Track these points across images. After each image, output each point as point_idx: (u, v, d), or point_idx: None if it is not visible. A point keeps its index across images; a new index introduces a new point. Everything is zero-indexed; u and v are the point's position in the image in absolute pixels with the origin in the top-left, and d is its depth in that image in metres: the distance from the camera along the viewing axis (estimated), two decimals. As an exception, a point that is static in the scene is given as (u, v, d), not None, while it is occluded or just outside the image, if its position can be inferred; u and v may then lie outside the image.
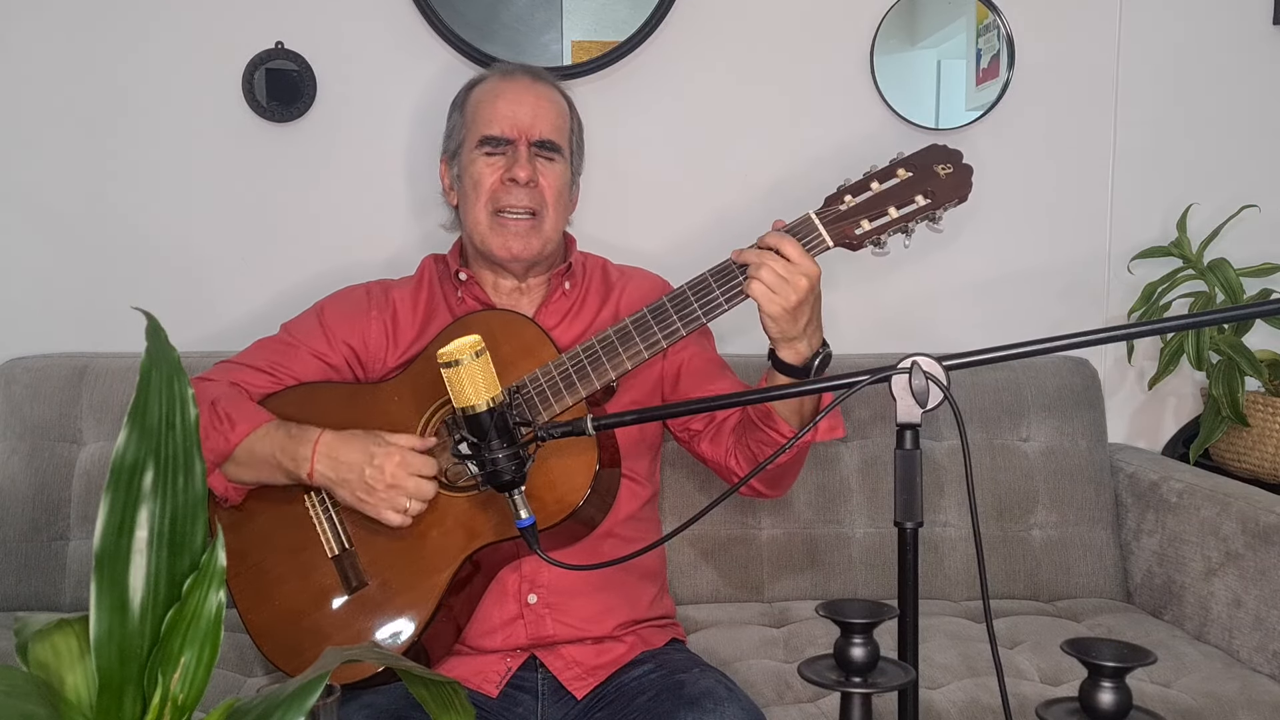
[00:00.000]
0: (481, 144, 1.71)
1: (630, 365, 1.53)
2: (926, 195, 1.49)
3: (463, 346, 1.30)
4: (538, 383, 1.54)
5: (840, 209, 1.51)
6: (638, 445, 1.71)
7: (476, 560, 1.56)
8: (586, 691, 1.59)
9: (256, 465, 1.58)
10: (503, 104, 1.72)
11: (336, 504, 1.60)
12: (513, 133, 1.70)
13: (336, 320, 1.74)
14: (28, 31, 2.17)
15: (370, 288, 1.80)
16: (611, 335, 1.54)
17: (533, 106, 1.72)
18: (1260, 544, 1.88)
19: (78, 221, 2.21)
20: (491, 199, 1.69)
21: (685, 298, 1.53)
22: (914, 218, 1.50)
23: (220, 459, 1.57)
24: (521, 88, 1.74)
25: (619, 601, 1.66)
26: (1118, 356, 2.42)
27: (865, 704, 1.01)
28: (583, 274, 1.79)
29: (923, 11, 2.32)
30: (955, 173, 1.50)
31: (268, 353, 1.71)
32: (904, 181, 1.50)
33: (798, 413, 1.56)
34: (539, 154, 1.71)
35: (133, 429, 0.81)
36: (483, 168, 1.71)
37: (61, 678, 0.81)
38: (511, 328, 1.60)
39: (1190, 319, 1.84)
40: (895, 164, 1.52)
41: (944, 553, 2.13)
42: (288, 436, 1.56)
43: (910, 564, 1.18)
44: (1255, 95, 2.40)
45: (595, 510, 1.58)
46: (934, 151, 1.51)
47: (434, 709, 0.86)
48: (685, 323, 1.52)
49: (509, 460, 1.33)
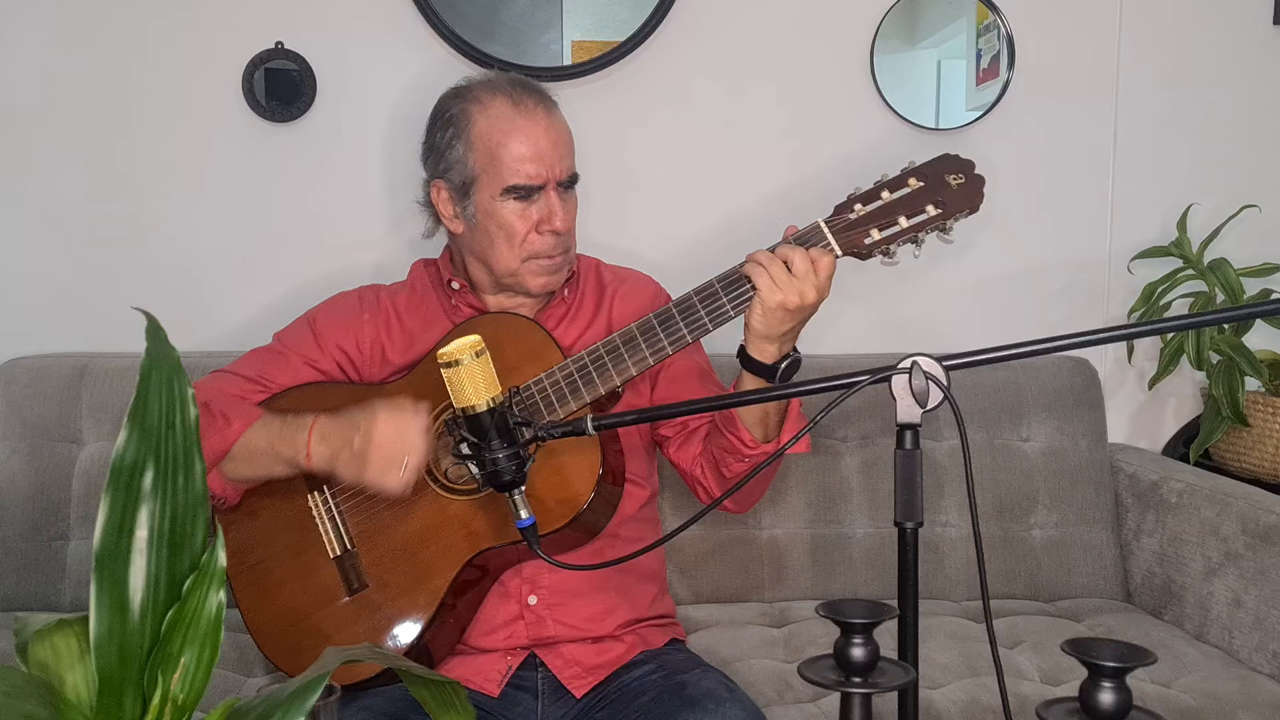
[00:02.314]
0: (508, 192, 1.62)
1: (635, 371, 1.52)
2: (937, 205, 1.47)
3: (463, 347, 1.30)
4: (543, 387, 1.54)
5: (850, 218, 1.49)
6: (634, 445, 1.71)
7: (479, 564, 1.56)
8: (585, 690, 1.59)
9: (255, 459, 1.57)
10: (525, 147, 1.62)
11: (340, 504, 1.60)
12: (541, 179, 1.62)
13: (328, 326, 1.73)
14: (27, 32, 2.17)
15: (361, 292, 1.78)
16: (617, 341, 1.53)
17: (553, 143, 1.63)
18: (1260, 544, 1.88)
19: (78, 221, 2.21)
20: (526, 247, 1.64)
21: (691, 304, 1.52)
22: (924, 228, 1.48)
23: (218, 457, 1.56)
24: (538, 124, 1.63)
25: (619, 602, 1.66)
26: (1118, 356, 2.42)
27: (865, 704, 1.01)
28: (579, 277, 1.79)
29: (923, 11, 2.32)
30: (967, 183, 1.48)
31: (259, 363, 1.71)
32: (915, 191, 1.48)
33: (762, 421, 1.55)
34: (564, 191, 1.66)
35: (133, 429, 0.81)
36: (514, 218, 1.63)
37: (61, 678, 0.81)
38: (517, 331, 1.60)
39: (1190, 319, 1.85)
40: (906, 173, 1.50)
41: (944, 553, 2.13)
42: (284, 424, 1.56)
43: (910, 564, 1.18)
44: (1255, 95, 2.40)
45: (598, 516, 1.57)
46: (946, 161, 1.50)
47: (434, 709, 0.86)
48: (691, 330, 1.51)
49: (509, 460, 1.33)
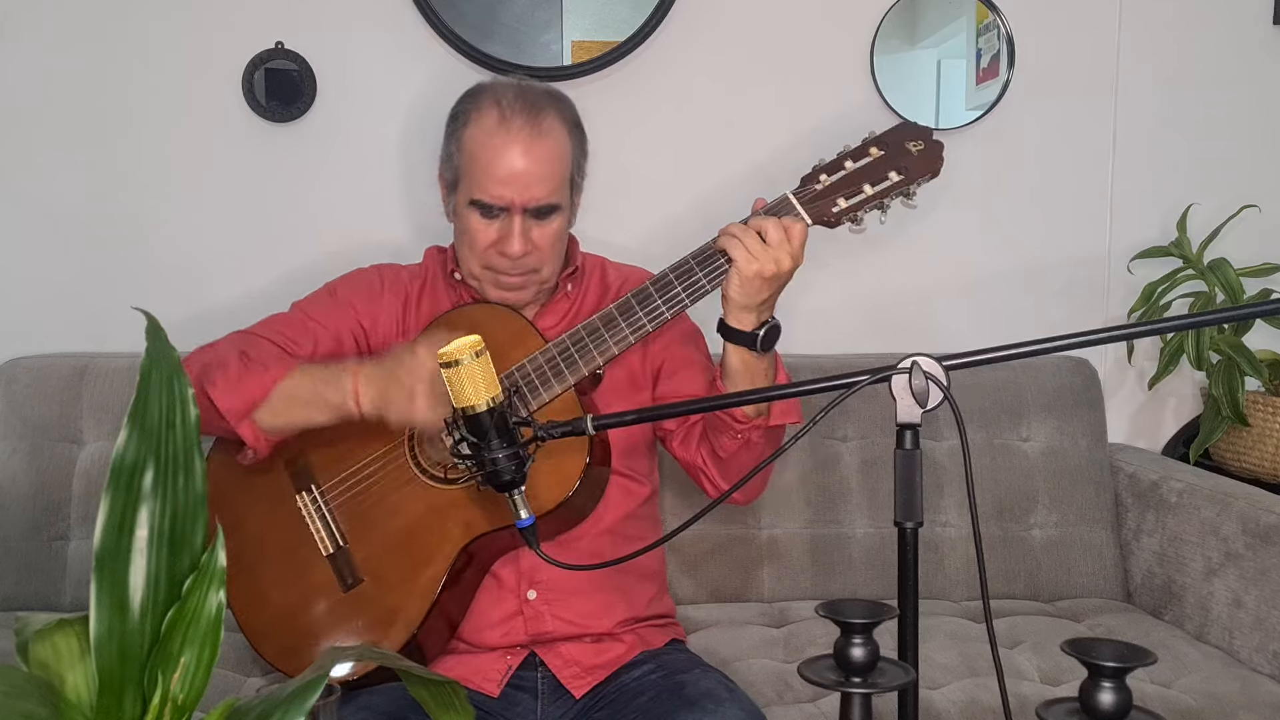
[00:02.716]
0: (473, 204, 1.62)
1: (616, 350, 1.54)
2: (899, 171, 1.53)
3: (463, 346, 1.30)
4: (525, 372, 1.55)
5: (816, 188, 1.54)
6: (635, 444, 1.71)
7: (471, 551, 1.56)
8: (585, 690, 1.59)
9: (295, 405, 1.55)
10: (498, 165, 1.59)
11: (329, 502, 1.61)
12: (503, 200, 1.60)
13: (349, 298, 1.74)
14: (28, 32, 2.17)
15: (381, 270, 1.79)
16: (596, 321, 1.55)
17: (526, 170, 1.59)
18: (1260, 544, 1.88)
19: (78, 221, 2.21)
20: (484, 257, 1.64)
21: (668, 280, 1.55)
22: (888, 194, 1.53)
23: (255, 403, 1.54)
24: (516, 147, 1.59)
25: (618, 599, 1.66)
26: (1118, 356, 2.42)
27: (865, 704, 1.01)
28: (584, 276, 1.79)
29: (923, 11, 2.32)
30: (926, 149, 1.54)
31: (280, 326, 1.70)
32: (877, 159, 1.53)
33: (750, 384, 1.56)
34: (534, 218, 1.62)
35: (133, 429, 0.81)
36: (475, 225, 1.63)
37: (61, 678, 0.81)
38: (497, 320, 1.61)
39: (1190, 319, 1.85)
40: (867, 143, 1.55)
41: (944, 553, 2.13)
42: (325, 369, 1.57)
43: (910, 564, 1.18)
44: (1255, 95, 2.40)
45: (586, 500, 1.58)
46: (904, 129, 1.55)
47: (434, 709, 0.86)
48: (669, 305, 1.54)
49: (509, 460, 1.33)
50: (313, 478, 1.62)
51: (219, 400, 1.53)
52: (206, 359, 1.60)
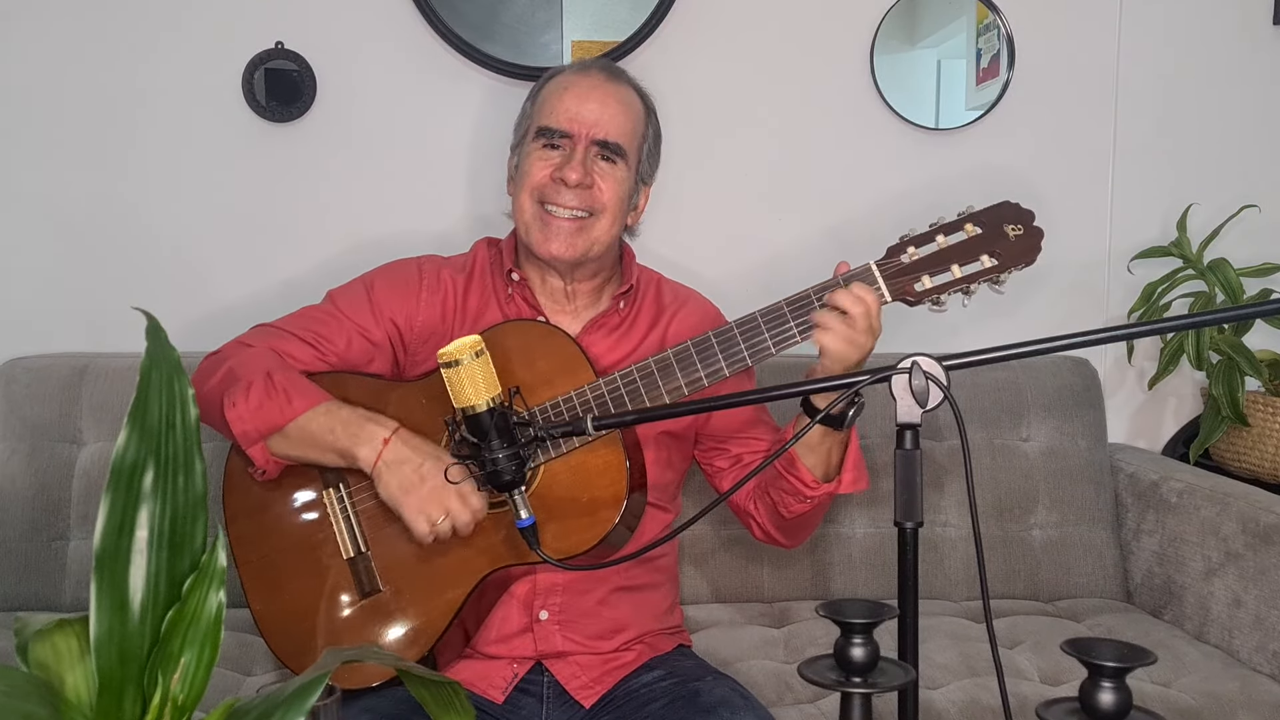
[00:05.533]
0: (539, 135, 1.62)
1: (669, 399, 1.48)
2: (993, 256, 1.44)
3: (462, 347, 1.30)
4: (572, 405, 1.49)
5: (902, 261, 1.46)
6: (666, 473, 1.68)
7: (494, 579, 1.54)
8: (594, 700, 1.57)
9: (306, 443, 1.51)
10: (569, 98, 1.61)
11: (356, 505, 1.55)
12: (572, 127, 1.60)
13: (385, 296, 1.67)
14: (28, 32, 2.17)
15: (422, 264, 1.72)
16: (652, 366, 1.50)
17: (600, 104, 1.61)
18: (1260, 544, 1.88)
19: (78, 221, 2.21)
20: (537, 191, 1.61)
21: (756, 326, 1.49)
22: (978, 278, 1.44)
23: (272, 431, 1.50)
24: (592, 84, 1.63)
25: (630, 620, 1.63)
26: (1118, 356, 2.42)
27: (865, 704, 1.01)
28: (638, 295, 1.72)
29: (923, 11, 2.32)
30: (1025, 235, 1.45)
31: (312, 323, 1.64)
32: (971, 239, 1.45)
33: (824, 462, 1.54)
34: (599, 155, 1.61)
35: (133, 429, 0.81)
36: (535, 160, 1.61)
37: (61, 678, 0.81)
38: (551, 343, 1.54)
39: (1190, 319, 1.85)
40: (963, 218, 1.46)
41: (944, 553, 2.13)
42: (353, 415, 1.50)
43: (910, 564, 1.18)
44: (1255, 95, 2.40)
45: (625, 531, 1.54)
46: (1005, 209, 1.47)
47: (434, 709, 0.86)
48: (753, 352, 1.49)
49: (509, 460, 1.33)
50: (342, 475, 1.56)
51: (234, 424, 1.49)
52: (234, 366, 1.54)
